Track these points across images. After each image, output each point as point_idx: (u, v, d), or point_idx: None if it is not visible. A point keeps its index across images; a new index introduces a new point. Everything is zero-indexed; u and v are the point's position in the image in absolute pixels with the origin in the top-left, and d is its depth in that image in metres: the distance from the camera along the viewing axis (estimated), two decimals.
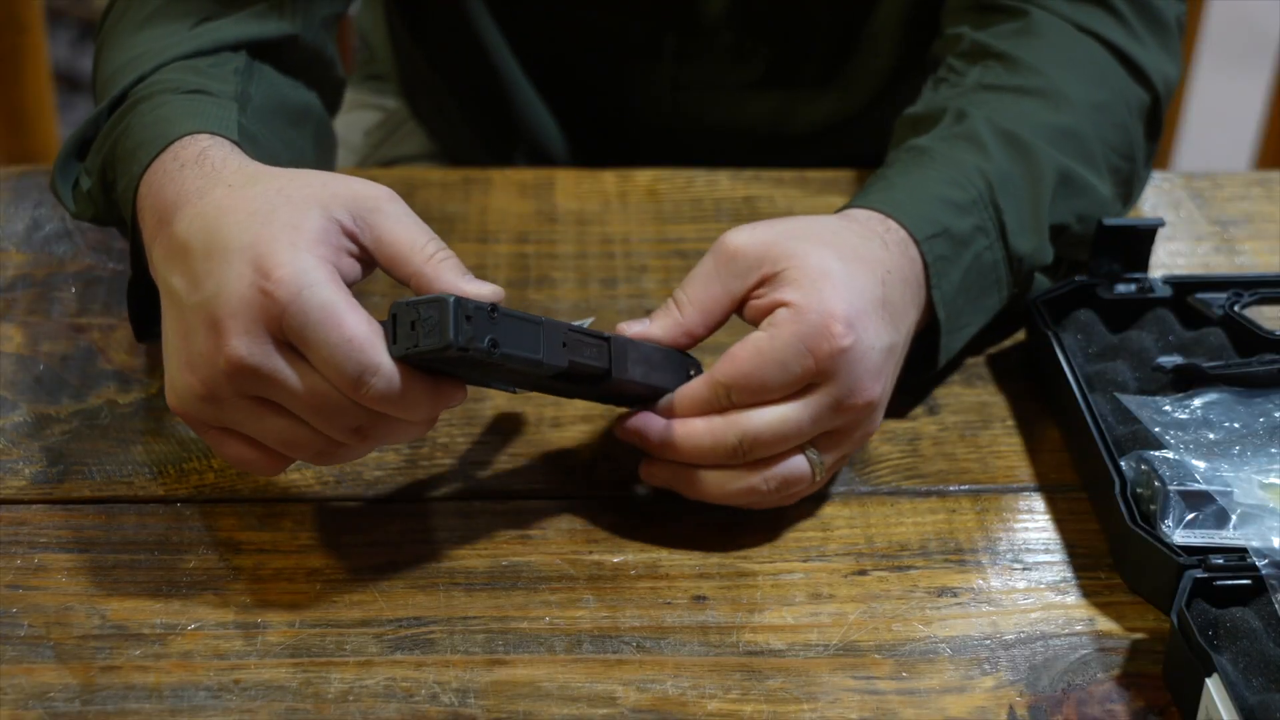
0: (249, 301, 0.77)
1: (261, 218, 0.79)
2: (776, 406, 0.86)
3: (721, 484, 0.88)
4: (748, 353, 0.85)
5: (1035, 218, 0.99)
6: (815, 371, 0.85)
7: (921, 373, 0.98)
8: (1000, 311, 1.00)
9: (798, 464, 0.88)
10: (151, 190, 0.87)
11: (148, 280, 0.89)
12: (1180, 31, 1.11)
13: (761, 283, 0.87)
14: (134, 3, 1.04)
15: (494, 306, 0.79)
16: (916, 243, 0.93)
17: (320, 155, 1.06)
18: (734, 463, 0.87)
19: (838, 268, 0.87)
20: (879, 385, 0.87)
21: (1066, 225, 1.01)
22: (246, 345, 0.77)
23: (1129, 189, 1.07)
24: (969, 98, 1.03)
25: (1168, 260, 1.13)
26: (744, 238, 0.88)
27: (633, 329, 0.89)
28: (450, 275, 0.80)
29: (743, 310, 0.89)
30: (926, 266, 0.93)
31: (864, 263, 0.89)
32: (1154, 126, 1.08)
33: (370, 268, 0.83)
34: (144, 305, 0.94)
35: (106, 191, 0.94)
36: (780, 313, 0.86)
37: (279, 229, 0.79)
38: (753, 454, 0.86)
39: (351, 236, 0.81)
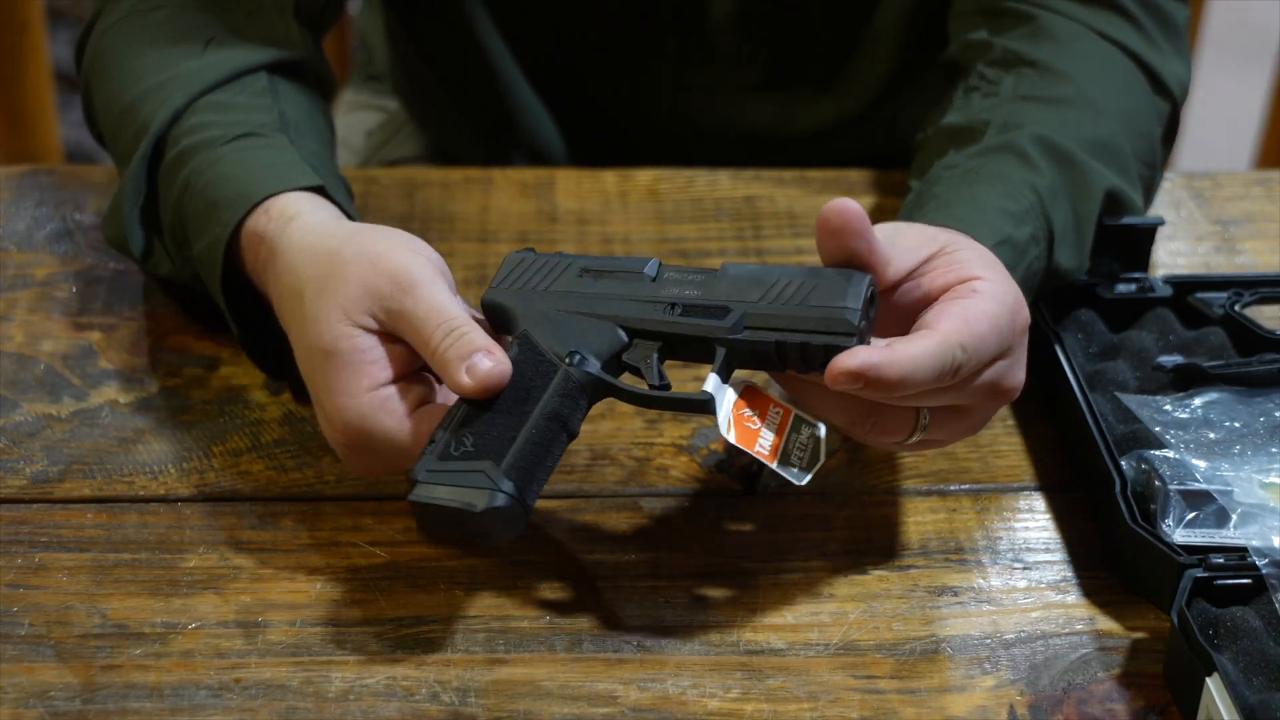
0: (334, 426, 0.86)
1: (317, 353, 0.85)
2: None
3: (836, 400, 0.83)
4: (975, 314, 0.81)
5: (1079, 234, 0.98)
6: (1007, 346, 0.83)
7: None
8: None
9: (909, 419, 0.84)
10: (256, 273, 0.93)
11: (256, 325, 0.96)
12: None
13: (927, 260, 0.85)
14: (127, 20, 1.04)
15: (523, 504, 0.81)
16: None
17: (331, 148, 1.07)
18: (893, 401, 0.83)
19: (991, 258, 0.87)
20: (1024, 374, 0.86)
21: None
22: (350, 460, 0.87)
23: (1149, 196, 1.07)
24: (1008, 109, 1.01)
25: (1168, 260, 1.13)
26: (899, 224, 0.87)
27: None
28: (451, 371, 0.82)
29: (909, 285, 0.85)
30: None
31: None
32: (1171, 133, 1.08)
33: None
34: (267, 347, 0.97)
35: (179, 248, 0.97)
36: (979, 284, 0.83)
37: (332, 370, 0.84)
38: (914, 400, 0.82)
39: (384, 334, 0.85)
